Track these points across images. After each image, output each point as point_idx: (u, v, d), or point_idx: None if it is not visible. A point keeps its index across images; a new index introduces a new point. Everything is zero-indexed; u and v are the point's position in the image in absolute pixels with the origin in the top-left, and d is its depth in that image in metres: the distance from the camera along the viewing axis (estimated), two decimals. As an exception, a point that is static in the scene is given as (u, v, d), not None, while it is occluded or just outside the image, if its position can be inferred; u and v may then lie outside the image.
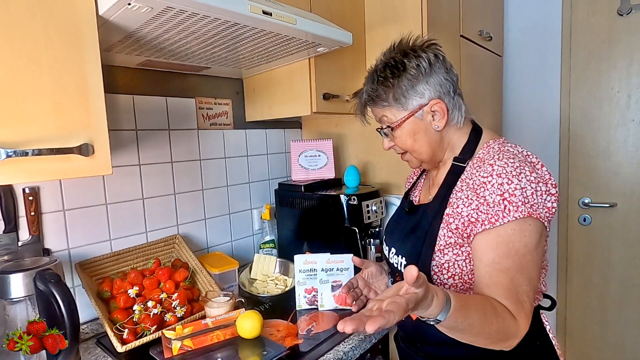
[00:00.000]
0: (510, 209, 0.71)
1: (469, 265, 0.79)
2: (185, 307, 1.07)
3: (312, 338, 1.02)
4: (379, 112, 0.90)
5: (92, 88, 0.78)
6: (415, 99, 0.84)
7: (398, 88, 0.84)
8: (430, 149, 0.88)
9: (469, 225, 0.76)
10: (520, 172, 0.73)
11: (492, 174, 0.74)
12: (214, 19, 0.85)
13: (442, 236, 0.81)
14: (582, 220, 1.99)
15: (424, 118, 0.85)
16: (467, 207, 0.76)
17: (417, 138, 0.87)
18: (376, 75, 0.87)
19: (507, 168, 0.73)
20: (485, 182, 0.74)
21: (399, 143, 0.90)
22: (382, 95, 0.86)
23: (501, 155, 0.77)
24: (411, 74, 0.83)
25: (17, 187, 1.01)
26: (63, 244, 1.10)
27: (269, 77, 1.45)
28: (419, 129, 0.87)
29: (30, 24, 0.70)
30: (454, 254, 0.80)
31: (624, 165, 1.86)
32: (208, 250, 1.47)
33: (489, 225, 0.72)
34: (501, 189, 0.72)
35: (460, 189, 0.81)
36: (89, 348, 1.04)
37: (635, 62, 1.80)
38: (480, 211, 0.74)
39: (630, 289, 1.90)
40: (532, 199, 0.72)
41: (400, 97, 0.84)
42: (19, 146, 0.69)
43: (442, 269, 0.81)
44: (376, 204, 1.38)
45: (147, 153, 1.28)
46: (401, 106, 0.85)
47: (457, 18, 1.60)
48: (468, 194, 0.77)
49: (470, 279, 0.80)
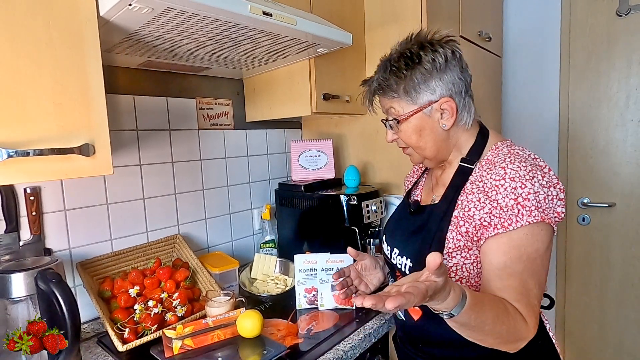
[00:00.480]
0: (524, 213, 0.70)
1: (477, 268, 0.78)
2: (185, 306, 1.07)
3: (312, 337, 1.02)
4: (387, 103, 0.87)
5: (93, 88, 0.78)
6: (426, 94, 0.82)
7: (410, 81, 0.81)
8: (435, 146, 0.86)
9: (481, 229, 0.75)
10: (533, 177, 0.72)
11: (505, 177, 0.73)
12: (214, 20, 0.85)
13: (451, 239, 0.79)
14: (581, 220, 1.99)
15: (432, 115, 0.83)
16: (479, 210, 0.75)
17: (422, 134, 0.85)
18: (389, 65, 0.84)
19: (520, 172, 0.73)
20: (497, 185, 0.73)
21: (403, 137, 0.88)
22: (392, 86, 0.83)
23: (512, 158, 0.76)
24: (425, 68, 0.80)
25: (19, 187, 1.01)
26: (64, 244, 1.10)
27: (269, 77, 1.45)
28: (425, 126, 0.84)
29: (32, 24, 0.70)
30: (462, 257, 0.79)
31: (623, 165, 1.86)
32: (208, 250, 1.47)
33: (502, 229, 0.72)
34: (515, 193, 0.71)
35: (470, 191, 0.79)
36: (90, 347, 1.04)
37: (634, 63, 1.79)
38: (493, 215, 0.73)
39: (629, 289, 1.90)
40: (544, 203, 0.71)
41: (411, 90, 0.82)
42: (20, 146, 0.69)
43: (450, 272, 0.79)
44: (376, 204, 1.38)
45: (148, 153, 1.28)
46: (411, 100, 0.83)
47: (457, 19, 1.59)
48: (480, 197, 0.76)
49: (477, 282, 0.79)
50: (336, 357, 0.93)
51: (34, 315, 0.84)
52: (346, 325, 1.07)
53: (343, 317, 1.12)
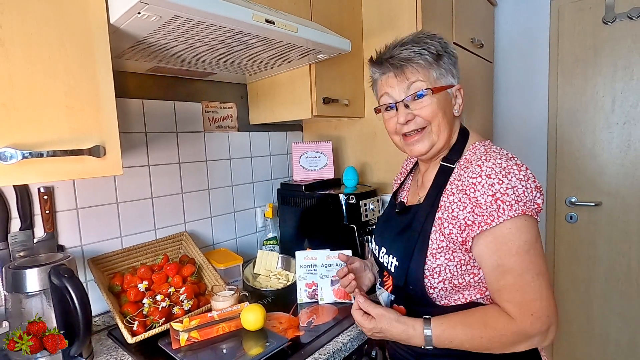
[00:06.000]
0: (505, 208, 0.68)
1: (459, 270, 0.76)
2: (192, 300, 1.07)
3: (313, 330, 1.02)
4: (415, 75, 0.80)
5: (104, 93, 0.78)
6: (449, 76, 0.82)
7: (440, 59, 0.80)
8: (448, 131, 0.82)
9: (466, 229, 0.72)
10: (509, 172, 0.70)
11: (482, 175, 0.71)
12: (219, 27, 0.85)
13: (435, 240, 0.77)
14: (568, 218, 1.99)
15: (451, 97, 0.83)
16: (462, 210, 0.73)
17: (445, 113, 0.81)
18: (422, 39, 0.81)
19: (496, 168, 0.71)
20: (475, 182, 0.72)
21: (428, 112, 0.80)
22: (427, 58, 0.79)
23: (488, 156, 0.74)
24: (452, 53, 0.82)
25: (33, 186, 1.01)
26: (76, 241, 1.10)
27: (272, 82, 1.45)
28: (447, 105, 0.82)
29: (45, 32, 0.70)
30: (445, 259, 0.76)
31: (609, 166, 1.86)
32: (214, 247, 1.47)
33: (485, 226, 0.69)
34: (492, 189, 0.69)
35: (451, 192, 0.77)
36: (100, 339, 1.03)
37: (619, 68, 1.79)
38: (476, 214, 0.71)
39: (614, 284, 1.89)
40: (524, 196, 0.69)
41: (442, 65, 0.80)
42: (34, 148, 0.69)
43: (433, 272, 0.77)
44: (373, 203, 1.38)
45: (156, 154, 1.28)
46: (441, 75, 0.80)
47: (450, 26, 1.59)
48: (460, 197, 0.74)
49: (460, 283, 0.77)
50: (335, 349, 0.93)
51: (48, 309, 0.84)
52: (345, 319, 1.07)
53: (342, 311, 1.12)
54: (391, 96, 0.83)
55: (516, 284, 0.70)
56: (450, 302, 0.79)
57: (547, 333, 0.70)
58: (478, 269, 0.76)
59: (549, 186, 2.02)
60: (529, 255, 0.69)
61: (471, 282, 0.77)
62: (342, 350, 0.95)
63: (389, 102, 0.84)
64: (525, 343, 0.71)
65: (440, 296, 0.79)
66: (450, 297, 0.78)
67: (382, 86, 0.85)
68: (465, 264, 0.76)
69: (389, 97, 0.84)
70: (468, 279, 0.76)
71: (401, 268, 0.82)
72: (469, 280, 0.76)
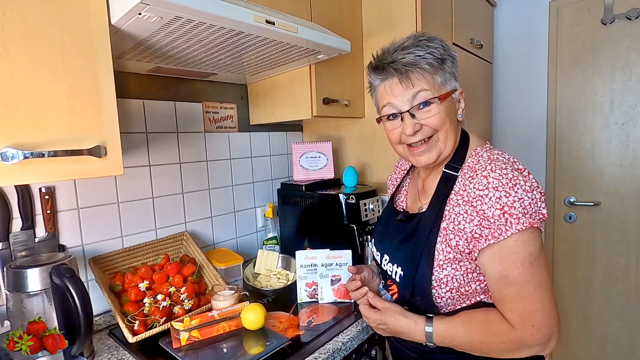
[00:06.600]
0: (512, 221, 0.67)
1: (466, 278, 0.75)
2: (192, 300, 1.07)
3: (313, 329, 1.02)
4: (420, 82, 0.75)
5: (105, 93, 0.78)
6: (453, 80, 0.78)
7: (444, 63, 0.77)
8: (455, 137, 0.80)
9: (472, 241, 0.71)
10: (515, 184, 0.68)
11: (489, 187, 0.69)
12: (219, 28, 0.85)
13: (441, 251, 0.76)
14: (567, 218, 1.99)
15: (455, 101, 0.80)
16: (469, 223, 0.71)
17: (452, 120, 0.78)
18: (424, 43, 0.76)
19: (503, 180, 0.69)
20: (482, 195, 0.70)
21: (436, 121, 0.76)
22: (432, 62, 0.75)
23: (493, 165, 0.72)
24: (453, 56, 0.79)
25: (34, 186, 1.01)
26: (77, 240, 1.10)
27: (272, 82, 1.45)
28: (453, 112, 0.79)
29: (47, 33, 0.70)
30: (452, 269, 0.75)
31: (607, 166, 1.86)
32: (214, 246, 1.47)
33: (493, 239, 0.69)
34: (500, 203, 0.68)
35: (456, 202, 0.75)
36: (101, 338, 1.03)
37: (617, 69, 1.79)
38: (483, 226, 0.69)
39: (612, 283, 1.89)
40: (530, 209, 0.68)
41: (446, 69, 0.77)
42: (35, 148, 0.69)
43: (440, 283, 0.76)
44: (373, 203, 1.38)
45: (157, 154, 1.28)
46: (446, 79, 0.77)
47: (450, 27, 1.59)
48: (467, 209, 0.72)
49: (467, 291, 0.76)
50: (335, 348, 0.93)
51: (49, 308, 0.84)
52: (345, 318, 1.07)
53: (342, 310, 1.12)
54: (395, 106, 0.78)
55: (518, 294, 0.69)
56: (457, 307, 0.79)
57: (547, 343, 0.70)
58: (484, 276, 0.75)
59: (548, 186, 2.02)
60: (532, 267, 0.69)
61: (477, 288, 0.76)
62: (342, 350, 0.95)
63: (392, 112, 0.79)
64: (524, 352, 0.71)
65: (447, 304, 0.78)
66: (457, 304, 0.78)
67: (383, 95, 0.80)
68: (472, 272, 0.75)
69: (392, 107, 0.79)
70: (474, 286, 0.76)
71: (407, 278, 0.80)
72: (476, 287, 0.76)
